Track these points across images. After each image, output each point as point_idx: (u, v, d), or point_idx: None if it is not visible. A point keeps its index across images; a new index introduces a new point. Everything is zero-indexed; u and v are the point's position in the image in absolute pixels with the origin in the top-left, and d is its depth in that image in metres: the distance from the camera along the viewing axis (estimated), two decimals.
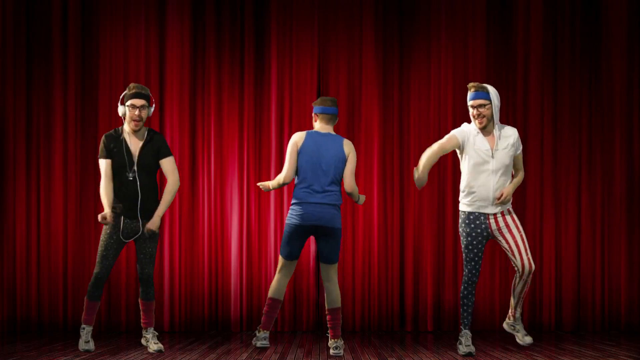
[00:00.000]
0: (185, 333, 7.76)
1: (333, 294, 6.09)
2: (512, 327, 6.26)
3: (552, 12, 8.08)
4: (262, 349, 6.37)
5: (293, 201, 6.03)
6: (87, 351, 6.13)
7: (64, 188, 7.87)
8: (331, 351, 6.08)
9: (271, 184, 6.14)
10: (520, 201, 7.98)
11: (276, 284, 6.08)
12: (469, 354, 6.12)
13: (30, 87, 7.94)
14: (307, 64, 8.03)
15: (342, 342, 6.13)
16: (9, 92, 7.91)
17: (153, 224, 6.10)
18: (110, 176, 6.08)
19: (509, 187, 6.03)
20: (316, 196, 5.96)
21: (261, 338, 6.09)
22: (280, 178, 6.07)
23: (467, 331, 6.17)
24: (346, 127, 8.01)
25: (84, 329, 6.16)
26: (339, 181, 6.05)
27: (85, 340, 6.15)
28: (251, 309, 7.91)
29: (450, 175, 7.97)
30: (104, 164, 6.09)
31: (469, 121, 6.18)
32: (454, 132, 6.11)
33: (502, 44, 8.08)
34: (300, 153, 6.02)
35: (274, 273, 7.85)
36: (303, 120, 7.94)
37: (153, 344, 6.19)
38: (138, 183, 6.07)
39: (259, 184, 6.19)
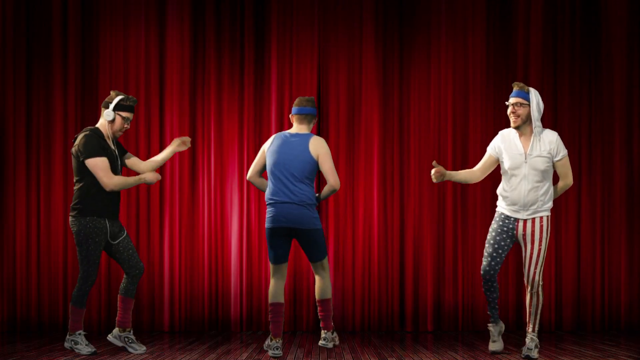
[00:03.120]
0: (185, 333, 7.76)
1: (322, 285, 6.10)
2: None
3: (552, 12, 8.08)
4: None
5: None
6: (93, 353, 6.12)
7: (64, 188, 7.86)
8: (319, 342, 6.10)
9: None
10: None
11: (272, 289, 6.06)
12: (494, 352, 6.18)
13: (30, 87, 7.94)
14: (307, 64, 8.03)
15: (334, 334, 6.15)
16: (9, 92, 7.91)
17: None
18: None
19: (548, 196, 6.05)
20: (282, 196, 5.95)
21: (273, 347, 5.98)
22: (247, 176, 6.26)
23: (491, 325, 6.25)
24: (346, 127, 8.01)
25: (80, 334, 6.14)
26: (309, 180, 6.00)
27: (86, 344, 6.15)
28: (251, 309, 7.91)
29: None
30: (105, 162, 6.02)
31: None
32: (488, 149, 6.19)
33: (502, 44, 8.07)
34: (267, 155, 6.07)
35: None
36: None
37: (139, 346, 6.22)
38: None
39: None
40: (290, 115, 6.13)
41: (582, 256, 8.03)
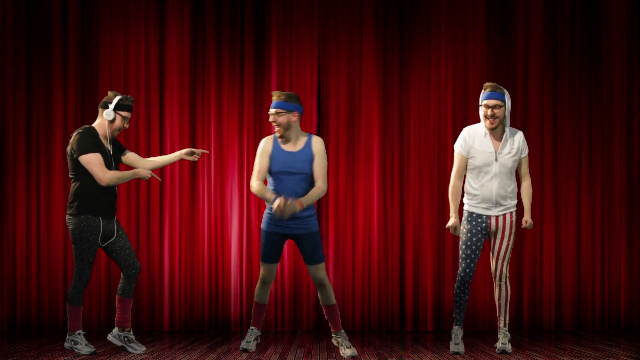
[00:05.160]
0: (185, 333, 7.76)
1: (325, 294, 6.06)
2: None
3: (552, 12, 8.07)
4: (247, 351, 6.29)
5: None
6: (93, 353, 6.12)
7: (64, 188, 7.86)
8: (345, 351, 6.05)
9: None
10: (520, 201, 7.98)
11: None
12: (456, 353, 6.15)
13: (30, 87, 7.94)
14: (307, 64, 8.03)
15: (343, 333, 6.12)
16: (9, 92, 7.91)
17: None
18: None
19: (527, 215, 6.16)
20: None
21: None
22: None
23: (457, 327, 6.23)
24: (346, 127, 8.01)
25: (79, 334, 6.14)
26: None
27: (86, 343, 6.15)
28: (251, 309, 7.90)
29: (451, 175, 7.95)
30: (99, 157, 6.01)
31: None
32: (458, 149, 6.16)
33: (502, 44, 8.07)
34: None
35: None
36: (303, 120, 7.94)
37: (138, 346, 6.23)
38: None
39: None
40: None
41: (582, 256, 8.03)
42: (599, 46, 8.10)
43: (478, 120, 7.94)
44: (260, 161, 5.97)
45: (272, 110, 5.95)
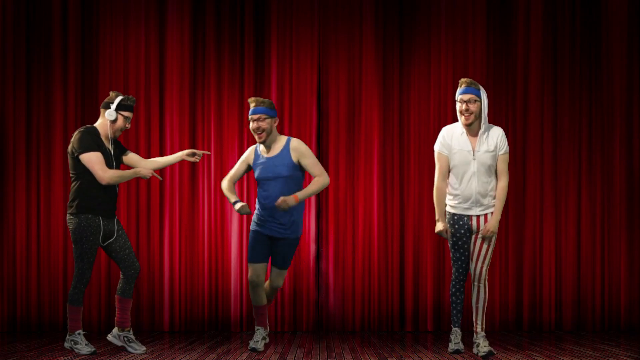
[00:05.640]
0: (185, 333, 7.76)
1: (271, 295, 6.46)
2: (475, 343, 6.16)
3: (552, 12, 8.07)
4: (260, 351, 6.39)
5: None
6: (93, 353, 6.12)
7: (64, 188, 7.86)
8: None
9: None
10: (520, 201, 7.98)
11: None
12: (457, 352, 6.17)
13: (30, 87, 7.94)
14: (307, 64, 8.03)
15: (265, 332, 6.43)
16: (9, 92, 7.91)
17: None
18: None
19: (493, 220, 6.00)
20: None
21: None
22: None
23: (457, 329, 6.24)
24: (346, 127, 8.01)
25: (79, 334, 6.14)
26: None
27: (86, 343, 6.15)
28: (251, 309, 7.90)
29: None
30: (100, 156, 6.01)
31: (488, 121, 6.17)
32: (438, 149, 6.07)
33: (502, 44, 8.07)
34: None
35: None
36: (303, 120, 7.94)
37: (138, 346, 6.23)
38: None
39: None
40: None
41: (582, 256, 8.03)
42: (599, 46, 8.10)
43: None
44: (238, 167, 6.32)
45: (254, 117, 6.01)
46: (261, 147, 6.20)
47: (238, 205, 6.10)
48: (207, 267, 7.90)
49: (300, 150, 6.07)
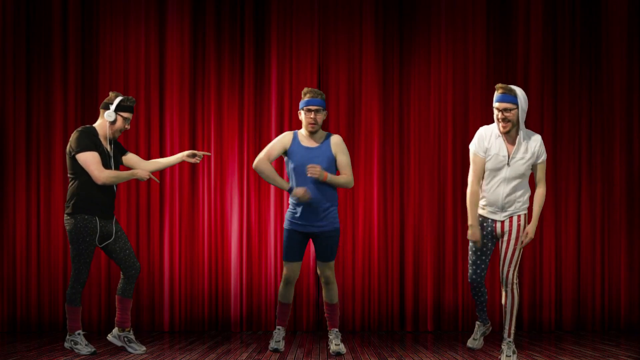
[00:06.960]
0: (185, 333, 7.76)
1: (330, 292, 6.30)
2: (501, 350, 5.96)
3: (552, 13, 8.08)
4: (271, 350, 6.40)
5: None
6: (93, 353, 6.12)
7: (64, 188, 7.86)
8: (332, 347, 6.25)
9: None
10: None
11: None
12: (470, 349, 6.21)
13: (30, 87, 7.94)
14: (307, 64, 8.03)
15: (336, 332, 6.30)
16: (9, 92, 7.91)
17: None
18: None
19: (531, 226, 5.83)
20: None
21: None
22: None
23: (479, 323, 6.28)
24: (346, 127, 8.01)
25: (79, 334, 6.15)
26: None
27: (86, 343, 6.15)
28: (251, 309, 7.91)
29: (450, 175, 7.97)
30: (96, 156, 6.00)
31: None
32: (474, 150, 5.83)
33: (502, 44, 8.08)
34: None
35: (274, 273, 7.86)
36: None
37: (138, 346, 6.23)
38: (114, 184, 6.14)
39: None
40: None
41: (582, 256, 8.03)
42: (599, 46, 8.10)
43: (478, 121, 7.98)
44: (274, 146, 6.10)
45: (313, 107, 6.00)
46: (301, 136, 6.15)
47: (300, 192, 5.92)
48: (207, 267, 7.90)
49: (341, 146, 6.12)
